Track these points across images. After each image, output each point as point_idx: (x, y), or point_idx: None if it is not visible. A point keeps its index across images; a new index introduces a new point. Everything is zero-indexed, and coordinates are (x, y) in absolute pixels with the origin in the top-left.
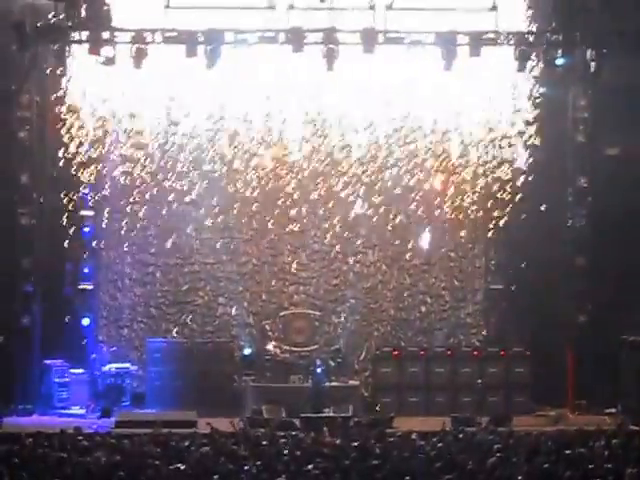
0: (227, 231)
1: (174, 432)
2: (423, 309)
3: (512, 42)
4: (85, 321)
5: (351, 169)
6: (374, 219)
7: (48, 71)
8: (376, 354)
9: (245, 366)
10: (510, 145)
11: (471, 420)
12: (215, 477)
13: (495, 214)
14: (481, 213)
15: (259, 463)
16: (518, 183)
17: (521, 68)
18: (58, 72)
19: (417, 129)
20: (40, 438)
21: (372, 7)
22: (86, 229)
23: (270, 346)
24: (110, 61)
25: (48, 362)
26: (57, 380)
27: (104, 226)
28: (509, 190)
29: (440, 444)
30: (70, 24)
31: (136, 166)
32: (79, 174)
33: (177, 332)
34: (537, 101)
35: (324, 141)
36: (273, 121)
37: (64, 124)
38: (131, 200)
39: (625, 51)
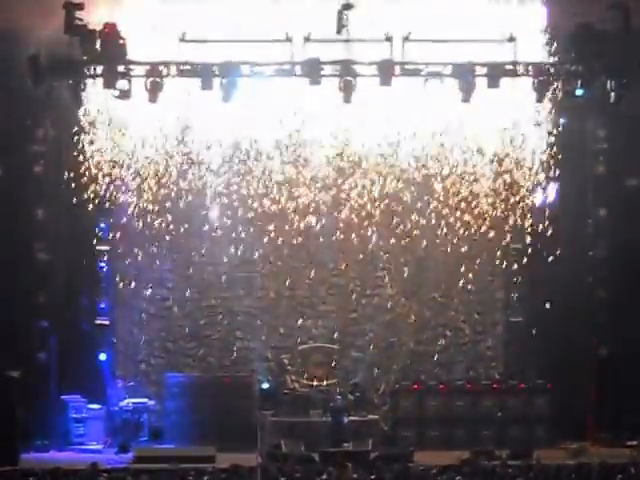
0: (245, 265)
1: (192, 467)
2: (443, 342)
3: (531, 73)
4: (102, 356)
5: (369, 202)
6: (392, 252)
7: (63, 105)
8: (395, 388)
9: (263, 400)
10: (529, 176)
11: (491, 453)
12: None
13: (514, 246)
14: (500, 245)
15: None
16: (537, 215)
17: (540, 99)
18: (73, 106)
19: (435, 161)
20: (58, 475)
21: (389, 39)
22: (102, 264)
23: (289, 380)
24: (125, 94)
25: (65, 397)
26: (74, 416)
27: (120, 261)
28: (528, 221)
29: (459, 477)
30: (85, 58)
31: (152, 200)
32: (95, 208)
33: (194, 366)
34: (556, 132)
35: (342, 174)
36: (290, 155)
37: (79, 158)
38: (147, 234)
39: None
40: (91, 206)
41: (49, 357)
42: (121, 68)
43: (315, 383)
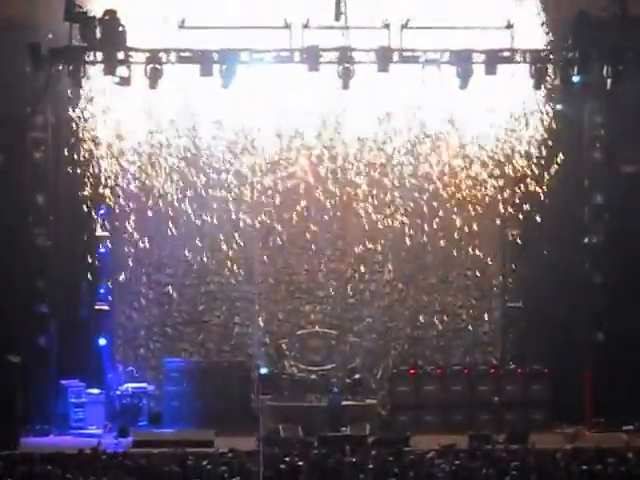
0: (243, 251)
1: (191, 451)
2: (440, 327)
3: (528, 60)
4: (101, 341)
5: (366, 188)
6: (390, 238)
7: (63, 92)
8: (393, 373)
9: (262, 385)
10: (526, 162)
11: (488, 438)
12: None
13: (511, 232)
14: (497, 231)
15: None
16: (534, 201)
17: (537, 85)
18: (73, 93)
19: (433, 147)
20: (57, 459)
21: (387, 26)
22: (102, 249)
23: (287, 365)
24: (125, 81)
25: (64, 382)
26: (73, 400)
27: (119, 246)
28: (525, 208)
29: (457, 462)
30: (85, 45)
31: (152, 186)
32: (94, 194)
33: (193, 352)
34: (553, 118)
35: (339, 159)
36: (288, 140)
37: (79, 145)
38: (147, 220)
39: None
40: (91, 192)
41: (49, 342)
42: (121, 55)
43: (313, 368)
